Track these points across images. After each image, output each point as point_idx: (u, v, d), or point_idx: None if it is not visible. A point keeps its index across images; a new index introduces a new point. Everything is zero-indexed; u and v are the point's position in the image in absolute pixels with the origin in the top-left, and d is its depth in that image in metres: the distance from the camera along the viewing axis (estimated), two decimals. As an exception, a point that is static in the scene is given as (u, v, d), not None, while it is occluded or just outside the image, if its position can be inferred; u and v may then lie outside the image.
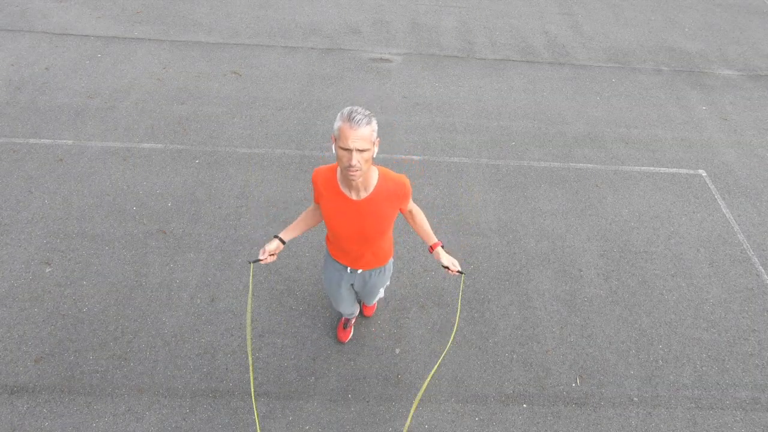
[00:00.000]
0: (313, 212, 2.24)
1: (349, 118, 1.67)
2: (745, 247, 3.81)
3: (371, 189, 1.93)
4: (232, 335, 3.02)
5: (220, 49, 5.25)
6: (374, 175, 1.92)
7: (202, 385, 2.80)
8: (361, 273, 2.35)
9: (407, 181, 1.99)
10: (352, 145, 1.67)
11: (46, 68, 4.79)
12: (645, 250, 3.72)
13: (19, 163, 3.89)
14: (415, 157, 4.25)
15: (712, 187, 4.26)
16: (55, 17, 5.45)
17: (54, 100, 4.47)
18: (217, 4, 5.94)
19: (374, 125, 1.73)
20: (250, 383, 2.83)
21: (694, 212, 4.04)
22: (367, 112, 1.71)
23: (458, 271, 2.20)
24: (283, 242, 2.17)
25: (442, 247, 2.26)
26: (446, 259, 2.21)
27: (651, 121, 4.91)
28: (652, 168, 4.39)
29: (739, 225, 3.97)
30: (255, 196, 3.81)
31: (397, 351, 3.03)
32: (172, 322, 3.05)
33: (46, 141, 4.10)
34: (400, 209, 2.08)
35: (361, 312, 3.17)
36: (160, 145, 4.15)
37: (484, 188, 4.07)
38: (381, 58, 5.37)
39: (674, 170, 4.39)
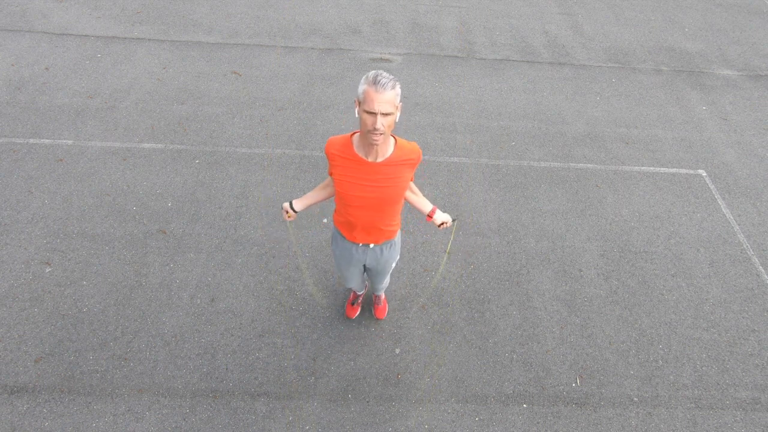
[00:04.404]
0: (327, 184, 2.30)
1: (375, 82, 1.69)
2: (745, 247, 3.81)
3: (388, 154, 1.96)
4: (232, 335, 3.02)
5: (220, 49, 5.25)
6: (390, 142, 1.97)
7: (202, 385, 2.80)
8: (372, 249, 2.33)
9: (420, 149, 2.04)
10: (377, 108, 1.70)
11: (46, 68, 4.79)
12: (645, 250, 3.72)
13: (19, 163, 3.89)
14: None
15: (712, 187, 4.26)
16: (55, 17, 5.45)
17: (54, 100, 4.47)
18: (217, 4, 5.94)
19: (398, 89, 1.75)
20: (250, 383, 2.83)
21: (694, 212, 4.04)
22: (392, 76, 1.73)
23: (453, 220, 2.40)
24: (295, 210, 2.26)
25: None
26: (444, 217, 2.34)
27: (651, 121, 4.91)
28: (652, 168, 4.39)
29: (739, 225, 3.97)
30: (255, 196, 3.81)
31: (397, 351, 3.03)
32: (172, 322, 3.05)
33: (46, 141, 4.10)
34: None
35: (372, 312, 3.17)
36: (160, 145, 4.15)
37: (484, 188, 4.07)
38: (381, 58, 5.37)
39: (674, 170, 4.39)
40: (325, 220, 3.69)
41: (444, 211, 3.82)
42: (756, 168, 4.49)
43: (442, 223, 2.34)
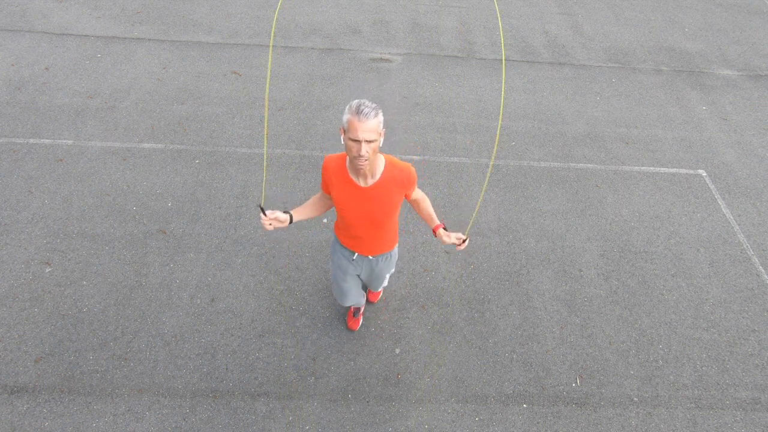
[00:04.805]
0: (320, 199, 2.30)
1: (358, 111, 1.78)
2: (745, 247, 3.81)
3: (378, 176, 2.04)
4: (232, 335, 3.02)
5: (220, 49, 5.25)
6: (381, 163, 2.04)
7: (202, 385, 2.80)
8: (368, 260, 2.41)
9: (413, 170, 2.10)
10: (360, 136, 1.79)
11: (46, 68, 4.79)
12: (645, 250, 3.72)
13: (19, 163, 3.89)
14: (415, 157, 4.25)
15: (712, 187, 4.26)
16: (55, 17, 5.45)
17: (54, 100, 4.47)
18: (217, 4, 5.94)
19: (381, 117, 1.84)
20: (250, 383, 2.83)
21: (694, 212, 4.04)
22: (374, 105, 1.82)
23: (464, 240, 2.17)
24: (291, 220, 2.19)
25: (445, 228, 2.23)
26: (452, 237, 2.20)
27: (651, 121, 4.91)
28: (652, 168, 4.39)
29: (739, 225, 3.97)
30: (255, 196, 3.81)
31: (397, 351, 3.03)
32: (172, 322, 3.05)
33: (46, 141, 4.10)
34: (406, 196, 2.17)
35: (367, 299, 3.20)
36: (160, 145, 4.15)
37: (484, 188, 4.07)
38: (381, 58, 5.37)
39: (674, 170, 4.39)
40: (325, 221, 3.69)
41: (445, 212, 3.82)
42: (756, 168, 4.49)
43: (459, 245, 2.19)
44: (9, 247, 3.35)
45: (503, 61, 3.19)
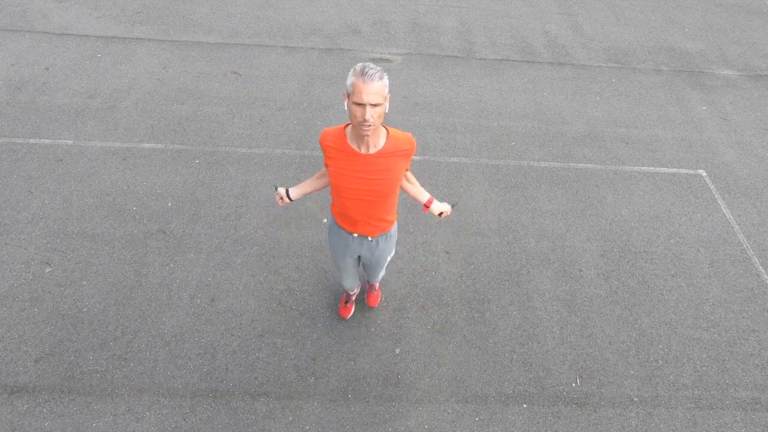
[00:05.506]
0: (322, 176, 2.31)
1: (362, 73, 1.72)
2: (745, 247, 3.81)
3: (381, 146, 1.97)
4: (232, 335, 3.02)
5: (220, 49, 5.25)
6: (383, 134, 1.97)
7: (202, 385, 2.80)
8: (368, 241, 2.35)
9: (414, 138, 2.04)
10: (365, 99, 1.72)
11: (46, 68, 4.79)
12: (645, 250, 3.72)
13: (19, 163, 3.89)
14: (415, 158, 4.25)
15: (712, 187, 4.26)
16: (55, 17, 5.45)
17: (54, 100, 4.47)
18: (217, 4, 5.94)
19: (386, 80, 1.77)
20: (250, 383, 2.83)
21: (694, 212, 4.04)
22: (379, 68, 1.76)
23: (452, 206, 2.44)
24: (290, 198, 2.26)
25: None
26: (442, 207, 2.36)
27: (651, 121, 4.91)
28: (652, 168, 4.39)
29: (739, 225, 3.97)
30: (255, 196, 3.81)
31: (397, 351, 3.03)
32: (172, 322, 3.05)
33: (46, 141, 4.10)
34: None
35: (365, 300, 3.20)
36: (160, 145, 4.15)
37: (484, 188, 4.07)
38: (381, 58, 5.37)
39: (674, 170, 4.39)
40: (325, 221, 3.69)
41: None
42: (756, 168, 4.49)
43: (441, 213, 2.37)
44: (9, 247, 3.35)
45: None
